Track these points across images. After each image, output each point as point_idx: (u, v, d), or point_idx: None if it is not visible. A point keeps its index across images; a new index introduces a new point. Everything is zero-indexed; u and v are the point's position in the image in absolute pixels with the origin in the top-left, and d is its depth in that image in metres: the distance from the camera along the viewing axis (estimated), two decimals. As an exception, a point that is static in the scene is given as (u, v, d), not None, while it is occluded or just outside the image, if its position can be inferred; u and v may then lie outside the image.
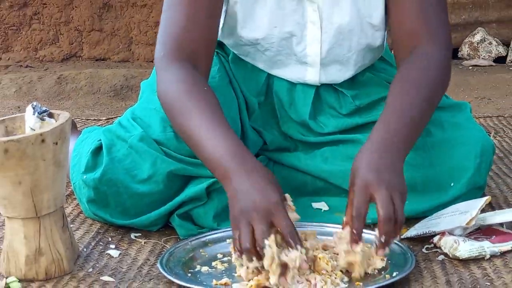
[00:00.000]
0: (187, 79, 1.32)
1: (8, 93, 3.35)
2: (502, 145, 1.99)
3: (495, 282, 1.16)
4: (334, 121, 1.51)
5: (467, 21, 3.80)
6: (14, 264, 1.23)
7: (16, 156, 1.15)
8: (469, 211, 1.30)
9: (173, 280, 1.17)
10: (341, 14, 1.41)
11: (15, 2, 4.17)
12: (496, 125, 2.26)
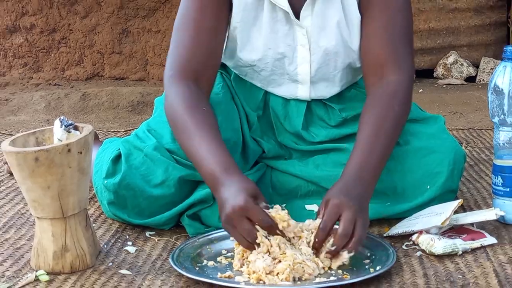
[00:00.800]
0: (190, 98, 1.33)
1: (39, 108, 3.35)
2: (473, 154, 1.99)
3: (466, 275, 1.16)
4: (324, 131, 1.51)
5: (441, 45, 3.81)
6: (43, 259, 1.23)
7: (45, 164, 1.15)
8: (444, 212, 1.30)
9: (183, 273, 1.16)
10: (327, 39, 1.41)
11: (45, 28, 4.18)
12: (467, 136, 2.26)
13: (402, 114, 1.33)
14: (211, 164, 1.23)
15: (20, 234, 1.44)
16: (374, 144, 1.27)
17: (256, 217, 1.13)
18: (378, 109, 1.32)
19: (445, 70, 3.73)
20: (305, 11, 1.39)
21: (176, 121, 1.32)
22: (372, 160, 1.26)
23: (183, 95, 1.33)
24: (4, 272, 1.24)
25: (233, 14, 1.40)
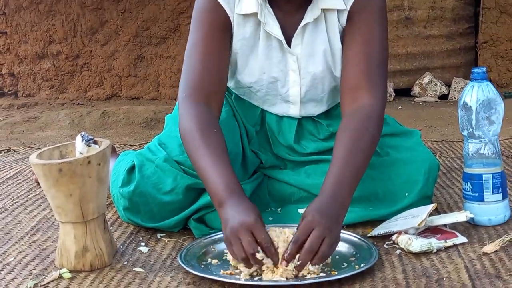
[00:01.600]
0: (203, 120, 1.31)
1: (64, 125, 3.35)
2: (446, 163, 1.99)
3: (440, 271, 1.15)
4: (313, 144, 1.51)
5: (418, 67, 3.82)
6: (66, 259, 1.23)
7: (68, 174, 1.16)
8: (420, 215, 1.30)
9: (190, 270, 1.16)
10: (315, 65, 1.41)
11: (69, 55, 4.19)
12: (440, 147, 2.26)
13: (375, 135, 1.30)
14: (219, 185, 1.21)
15: (46, 237, 1.44)
16: (349, 163, 1.24)
17: (260, 235, 1.11)
18: (353, 130, 1.29)
19: (421, 89, 3.73)
20: (295, 40, 1.39)
21: (189, 141, 1.30)
22: (347, 179, 1.22)
23: (196, 117, 1.31)
24: (32, 271, 1.24)
25: (233, 42, 1.41)
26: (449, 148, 2.23)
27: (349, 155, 1.25)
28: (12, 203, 1.74)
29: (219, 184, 1.22)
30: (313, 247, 1.10)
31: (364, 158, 1.27)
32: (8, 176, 2.05)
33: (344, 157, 1.25)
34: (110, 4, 4.09)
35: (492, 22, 3.69)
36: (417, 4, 3.78)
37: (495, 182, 1.35)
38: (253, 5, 1.35)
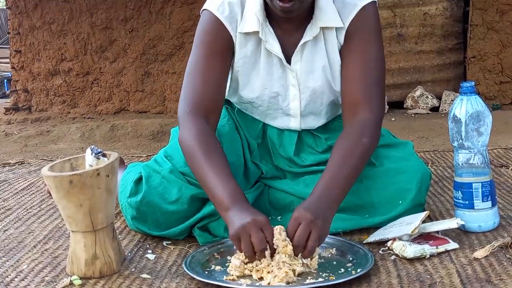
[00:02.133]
0: (203, 135, 1.31)
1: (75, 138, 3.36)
2: (437, 172, 1.99)
3: (433, 276, 1.15)
4: (312, 156, 1.51)
5: (410, 81, 3.83)
6: (76, 266, 1.22)
7: (78, 186, 1.15)
8: (413, 222, 1.29)
9: (194, 276, 1.16)
10: (314, 80, 1.41)
11: (80, 71, 4.21)
12: (432, 157, 2.25)
13: (369, 146, 1.31)
14: (224, 194, 1.22)
15: (58, 245, 1.43)
16: (341, 169, 1.26)
17: (270, 234, 1.13)
18: (348, 140, 1.31)
19: (413, 101, 3.74)
20: (295, 57, 1.40)
21: (191, 154, 1.30)
22: (338, 183, 1.24)
23: (196, 131, 1.32)
24: (44, 278, 1.23)
25: (235, 60, 1.41)
26: (441, 158, 2.23)
27: (342, 162, 1.27)
28: (26, 213, 1.73)
29: (224, 194, 1.22)
30: (299, 241, 1.14)
31: (356, 165, 1.28)
32: (22, 187, 2.05)
33: (337, 163, 1.27)
34: (119, 23, 4.12)
35: (480, 38, 3.70)
36: (408, 22, 3.80)
37: (485, 190, 1.35)
38: (254, 24, 1.35)
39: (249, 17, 1.36)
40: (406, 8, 3.79)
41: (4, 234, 1.54)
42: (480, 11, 3.67)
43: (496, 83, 3.74)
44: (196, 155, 1.29)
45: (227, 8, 1.36)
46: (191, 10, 3.92)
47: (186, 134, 1.32)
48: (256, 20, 1.35)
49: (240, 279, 1.14)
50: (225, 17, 1.36)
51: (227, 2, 1.36)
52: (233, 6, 1.36)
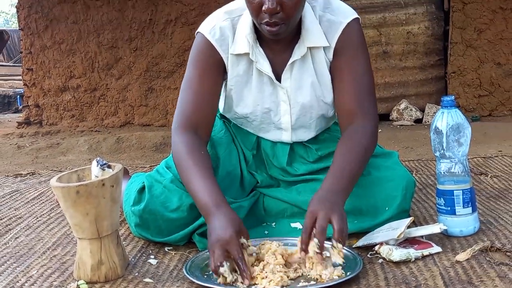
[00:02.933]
0: (191, 144, 1.32)
1: (83, 150, 3.35)
2: (421, 180, 1.99)
3: (418, 278, 1.14)
4: (304, 166, 1.51)
5: (395, 95, 3.84)
6: (83, 271, 1.21)
7: (84, 196, 1.15)
8: (399, 227, 1.29)
9: (194, 280, 1.15)
10: (303, 96, 1.41)
11: (88, 88, 4.21)
12: (416, 166, 2.25)
13: (368, 147, 1.32)
14: (206, 198, 1.22)
15: (66, 251, 1.42)
16: (345, 167, 1.26)
17: (233, 251, 1.13)
18: (349, 143, 1.31)
19: (398, 114, 3.75)
20: (285, 74, 1.39)
21: (180, 161, 1.31)
22: (343, 178, 1.24)
23: (186, 142, 1.32)
24: (52, 282, 1.22)
25: (229, 78, 1.41)
26: (424, 167, 2.23)
27: (345, 161, 1.27)
28: (36, 221, 1.72)
29: (207, 198, 1.22)
30: (322, 227, 1.12)
31: (359, 163, 1.28)
32: (32, 197, 2.04)
33: (341, 162, 1.27)
34: (124, 43, 4.12)
35: (459, 55, 3.72)
36: (393, 40, 3.82)
37: (465, 197, 1.34)
38: (245, 46, 1.35)
39: (240, 40, 1.35)
40: (391, 28, 3.81)
41: (15, 241, 1.53)
42: (459, 29, 3.69)
43: (475, 97, 3.75)
44: (183, 163, 1.29)
45: (218, 32, 1.36)
46: (191, 30, 3.93)
47: (176, 146, 1.33)
48: (247, 42, 1.35)
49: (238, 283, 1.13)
50: (215, 39, 1.36)
51: (218, 26, 1.36)
52: (224, 29, 1.36)
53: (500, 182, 1.88)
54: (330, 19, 1.35)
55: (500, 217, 1.49)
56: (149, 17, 4.05)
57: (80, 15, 4.16)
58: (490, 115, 3.72)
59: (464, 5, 3.66)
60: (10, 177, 2.46)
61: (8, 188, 2.22)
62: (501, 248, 1.25)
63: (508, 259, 1.20)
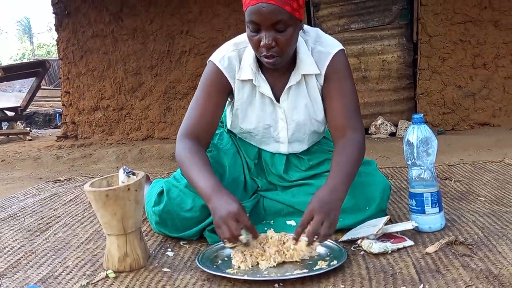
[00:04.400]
0: (191, 146, 1.31)
1: (111, 159, 3.35)
2: (396, 184, 1.98)
3: (394, 267, 1.13)
4: (298, 173, 1.50)
5: (373, 113, 3.84)
6: (111, 262, 1.21)
7: (113, 198, 1.15)
8: (378, 224, 1.28)
9: (204, 269, 1.14)
10: (298, 115, 1.41)
11: (116, 107, 4.22)
12: (391, 172, 2.25)
13: (359, 157, 1.31)
14: (206, 187, 1.21)
15: (97, 245, 1.42)
16: (342, 172, 1.25)
17: (243, 219, 1.14)
18: (343, 155, 1.29)
19: (376, 128, 3.75)
20: (283, 97, 1.39)
21: (182, 160, 1.30)
22: (341, 181, 1.23)
23: (187, 146, 1.32)
24: (85, 272, 1.22)
25: (235, 100, 1.41)
26: (398, 173, 2.22)
27: (342, 167, 1.26)
28: (72, 220, 1.72)
29: (205, 186, 1.21)
30: (315, 230, 1.13)
31: (353, 168, 1.27)
32: (69, 199, 2.04)
33: (338, 169, 1.25)
34: (146, 70, 4.14)
35: (426, 79, 3.73)
36: (370, 67, 3.83)
37: (433, 199, 1.34)
38: (249, 73, 1.36)
39: (245, 68, 1.36)
40: (369, 56, 3.82)
41: (54, 236, 1.52)
42: (426, 58, 3.70)
43: (440, 114, 3.75)
44: (185, 162, 1.28)
45: (227, 61, 1.36)
46: (202, 59, 3.95)
47: (179, 149, 1.33)
48: (250, 70, 1.35)
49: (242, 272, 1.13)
50: (224, 67, 1.36)
51: (227, 56, 1.37)
52: (232, 59, 1.37)
53: (462, 185, 1.88)
54: (320, 50, 1.36)
55: (463, 215, 1.48)
56: (167, 49, 4.07)
57: (110, 47, 4.18)
58: (453, 129, 3.71)
59: (430, 37, 3.68)
60: (50, 182, 2.45)
61: (49, 192, 2.21)
62: (464, 242, 1.24)
63: (469, 251, 1.19)
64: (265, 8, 1.18)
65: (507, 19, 3.63)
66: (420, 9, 3.64)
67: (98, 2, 4.13)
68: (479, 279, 1.04)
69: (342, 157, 1.29)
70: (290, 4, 1.19)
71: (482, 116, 3.72)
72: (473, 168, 2.18)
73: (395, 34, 3.78)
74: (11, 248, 1.42)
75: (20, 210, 1.88)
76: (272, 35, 1.21)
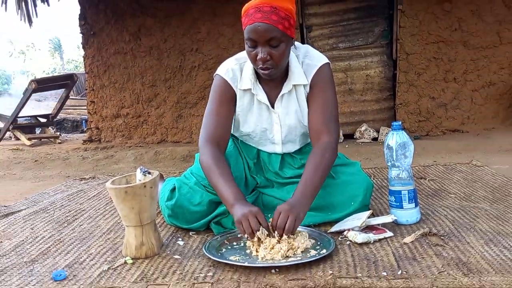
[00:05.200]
0: (216, 156, 1.31)
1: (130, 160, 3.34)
2: (377, 182, 1.98)
3: (376, 255, 1.13)
4: (291, 171, 1.50)
5: (358, 120, 3.84)
6: (129, 250, 1.20)
7: (131, 195, 1.14)
8: (361, 218, 1.28)
9: (210, 257, 1.14)
10: (290, 119, 1.41)
11: (134, 115, 4.21)
12: (374, 172, 2.25)
13: (330, 160, 1.29)
14: (230, 196, 1.21)
15: (117, 235, 1.41)
16: (311, 179, 1.24)
17: (262, 219, 1.14)
18: (315, 158, 1.28)
19: (360, 134, 3.74)
20: (277, 103, 1.40)
21: (208, 169, 1.29)
22: (309, 189, 1.22)
23: (212, 154, 1.31)
24: (107, 258, 1.21)
25: (237, 106, 1.41)
26: (379, 173, 2.22)
27: (311, 174, 1.25)
28: (95, 213, 1.71)
29: (230, 195, 1.21)
30: (280, 225, 1.13)
31: (322, 175, 1.26)
32: (93, 195, 2.03)
33: (308, 176, 1.25)
34: (161, 82, 4.14)
35: (404, 91, 3.73)
36: (356, 80, 3.83)
37: (410, 196, 1.34)
38: (248, 83, 1.37)
39: (245, 79, 1.37)
40: (354, 71, 3.82)
41: (79, 227, 1.52)
42: (404, 73, 3.70)
43: (416, 122, 3.75)
44: (212, 170, 1.28)
45: (231, 73, 1.37)
46: (209, 73, 3.95)
47: (204, 157, 1.32)
48: (249, 81, 1.36)
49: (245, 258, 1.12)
50: (230, 78, 1.37)
51: (231, 68, 1.38)
52: (235, 71, 1.37)
53: (435, 184, 1.88)
54: (309, 63, 1.36)
55: (436, 210, 1.48)
56: (179, 64, 4.08)
57: (129, 63, 4.18)
58: (427, 135, 3.71)
59: (407, 55, 3.69)
60: (77, 180, 2.45)
61: (75, 188, 2.21)
62: (437, 233, 1.24)
63: (442, 241, 1.19)
64: (260, 27, 1.20)
65: (474, 39, 3.64)
66: (399, 30, 3.65)
67: (119, 23, 4.14)
68: (450, 266, 1.03)
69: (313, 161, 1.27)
70: (282, 23, 1.21)
71: (453, 124, 3.72)
72: (445, 169, 2.17)
73: (377, 52, 3.78)
74: (42, 238, 1.42)
75: (50, 204, 1.88)
76: (267, 50, 1.23)
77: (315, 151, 1.31)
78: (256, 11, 1.21)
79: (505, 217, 1.36)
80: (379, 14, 3.73)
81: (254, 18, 1.21)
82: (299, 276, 1.03)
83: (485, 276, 0.96)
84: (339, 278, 1.01)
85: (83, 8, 4.23)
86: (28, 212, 1.74)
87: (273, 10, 1.20)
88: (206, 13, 3.93)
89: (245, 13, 1.25)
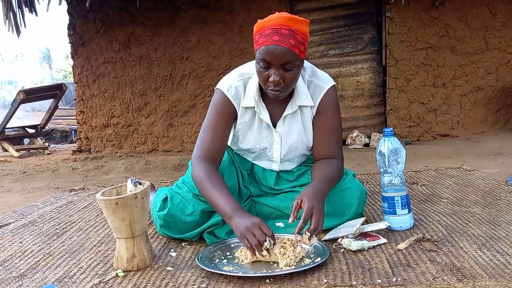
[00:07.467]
0: (209, 171, 1.30)
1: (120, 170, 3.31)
2: (370, 189, 1.98)
3: (370, 262, 1.13)
4: (287, 184, 1.49)
5: (349, 127, 3.86)
6: (121, 262, 1.19)
7: (121, 206, 1.13)
8: (355, 225, 1.28)
9: (203, 267, 1.13)
10: (291, 139, 1.41)
11: (124, 124, 4.18)
12: (366, 178, 2.25)
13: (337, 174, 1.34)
14: (227, 208, 1.20)
15: (108, 247, 1.39)
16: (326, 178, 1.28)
17: (266, 229, 1.13)
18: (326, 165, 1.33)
19: (352, 140, 3.76)
20: (279, 123, 1.39)
21: (202, 183, 1.28)
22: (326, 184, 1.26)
23: (204, 169, 1.30)
24: (97, 271, 1.19)
25: (237, 123, 1.40)
26: (372, 179, 2.23)
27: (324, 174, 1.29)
28: (85, 225, 1.69)
29: (226, 207, 1.20)
30: (316, 225, 1.14)
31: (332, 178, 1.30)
32: (83, 206, 2.00)
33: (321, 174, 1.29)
34: (151, 91, 4.13)
35: (394, 97, 3.77)
36: (346, 87, 3.86)
37: (403, 201, 1.34)
38: (251, 101, 1.36)
39: (249, 96, 1.36)
40: (345, 78, 3.85)
41: (69, 240, 1.49)
42: (394, 79, 3.74)
43: (407, 127, 3.79)
44: (205, 184, 1.27)
45: (234, 90, 1.36)
46: (200, 81, 3.95)
47: (197, 172, 1.31)
48: (253, 99, 1.35)
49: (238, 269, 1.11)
50: (231, 96, 1.35)
51: (234, 85, 1.36)
52: (238, 88, 1.36)
53: (427, 189, 1.89)
54: (317, 84, 1.36)
55: (429, 215, 1.49)
56: (169, 73, 4.07)
57: (119, 72, 4.17)
58: (418, 140, 3.74)
59: (396, 61, 3.73)
60: (66, 191, 2.42)
61: (65, 200, 2.18)
62: (430, 239, 1.24)
63: (435, 247, 1.19)
64: (277, 50, 1.19)
65: (462, 45, 3.70)
66: (388, 37, 3.69)
67: (108, 32, 4.13)
68: (444, 271, 1.03)
69: (323, 167, 1.30)
70: (298, 47, 1.20)
71: (443, 129, 3.76)
72: (436, 174, 2.19)
73: (367, 58, 3.82)
74: (31, 251, 1.39)
75: (39, 216, 1.85)
76: (280, 73, 1.22)
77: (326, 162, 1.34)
78: (273, 33, 1.18)
79: (497, 221, 1.37)
80: (368, 21, 3.78)
81: (272, 40, 1.18)
82: (294, 285, 1.02)
83: (479, 281, 0.97)
84: (334, 286, 1.00)
85: (72, 17, 4.21)
86: (16, 226, 1.71)
87: (291, 34, 1.18)
88: (196, 22, 3.94)
89: (259, 31, 1.21)
